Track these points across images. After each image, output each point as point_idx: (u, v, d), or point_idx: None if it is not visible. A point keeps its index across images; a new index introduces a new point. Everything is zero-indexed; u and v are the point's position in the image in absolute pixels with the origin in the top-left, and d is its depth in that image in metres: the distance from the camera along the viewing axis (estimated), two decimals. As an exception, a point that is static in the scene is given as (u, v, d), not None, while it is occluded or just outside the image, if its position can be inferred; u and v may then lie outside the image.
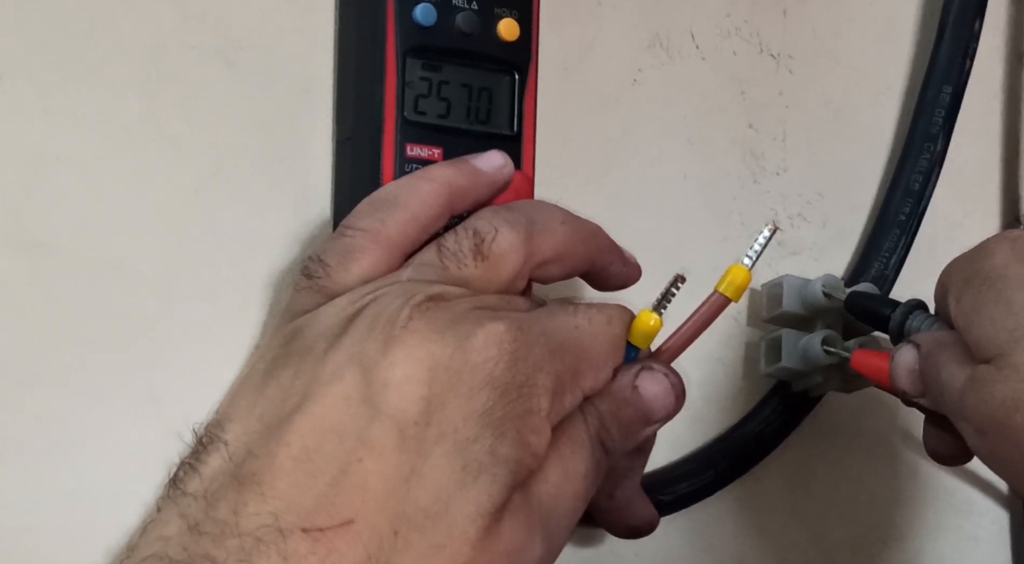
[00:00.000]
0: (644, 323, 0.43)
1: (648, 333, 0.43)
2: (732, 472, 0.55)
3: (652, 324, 0.43)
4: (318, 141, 0.48)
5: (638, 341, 0.43)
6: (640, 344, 0.43)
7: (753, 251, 0.44)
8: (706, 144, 0.57)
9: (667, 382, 0.43)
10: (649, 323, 0.43)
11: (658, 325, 0.43)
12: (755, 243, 0.44)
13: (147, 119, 0.45)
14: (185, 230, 0.45)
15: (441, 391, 0.38)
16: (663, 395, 0.43)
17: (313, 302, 0.43)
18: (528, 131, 0.49)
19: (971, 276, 0.44)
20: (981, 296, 0.43)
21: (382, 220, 0.43)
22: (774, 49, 0.59)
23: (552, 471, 0.40)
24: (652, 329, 0.43)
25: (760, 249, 0.44)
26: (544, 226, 0.45)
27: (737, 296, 0.43)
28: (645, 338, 0.43)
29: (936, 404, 0.45)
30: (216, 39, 0.46)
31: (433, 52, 0.47)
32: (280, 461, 0.37)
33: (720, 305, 0.44)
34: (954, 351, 0.44)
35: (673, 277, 0.43)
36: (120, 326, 0.44)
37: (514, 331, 0.39)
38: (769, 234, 0.44)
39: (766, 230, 0.44)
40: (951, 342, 0.45)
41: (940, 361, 0.44)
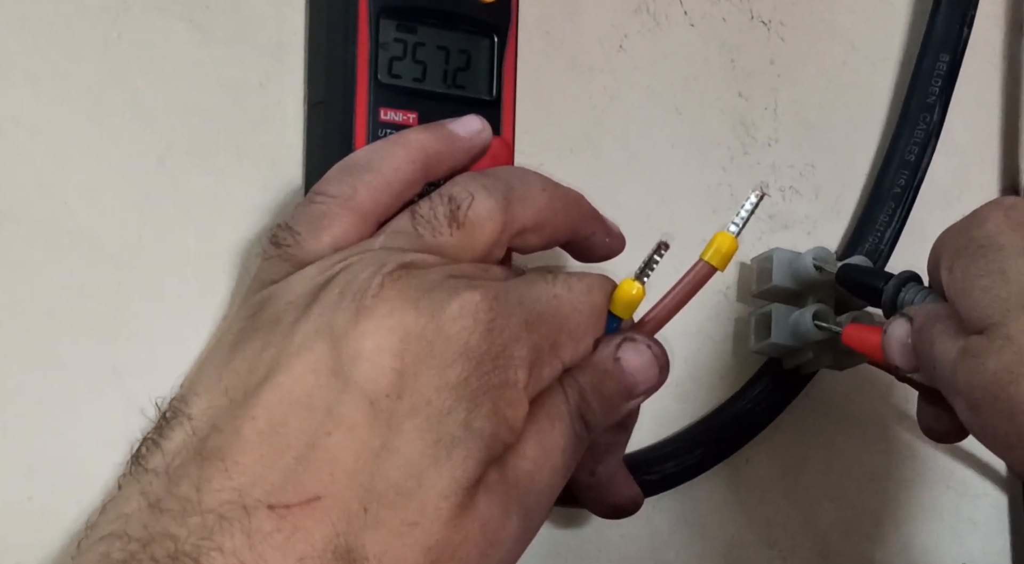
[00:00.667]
0: (626, 292, 0.41)
1: (630, 302, 0.41)
2: (721, 452, 0.54)
3: (634, 293, 0.41)
4: (289, 105, 0.46)
5: (620, 311, 0.42)
6: (622, 314, 0.42)
7: (739, 218, 0.42)
8: (694, 113, 0.56)
9: (650, 353, 0.42)
10: (631, 292, 0.41)
11: (640, 294, 0.41)
12: (741, 210, 0.42)
13: (109, 81, 0.43)
14: (149, 198, 0.44)
15: (413, 362, 0.37)
16: (646, 367, 0.42)
17: (282, 271, 0.41)
18: (508, 96, 0.47)
19: (963, 245, 0.43)
20: (973, 265, 0.42)
21: (353, 186, 0.42)
22: (765, 16, 0.58)
23: (530, 446, 0.39)
24: (634, 298, 0.41)
25: (747, 216, 0.42)
26: (523, 193, 0.43)
27: (723, 264, 0.42)
28: (627, 308, 0.42)
29: (929, 378, 0.44)
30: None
31: (408, 12, 0.45)
32: (245, 435, 0.36)
33: (706, 274, 0.42)
34: (947, 323, 0.43)
35: (656, 244, 0.42)
36: (81, 297, 0.42)
37: (490, 300, 0.38)
38: (756, 200, 0.42)
39: (753, 196, 0.42)
40: (944, 314, 0.43)
41: (933, 334, 0.43)
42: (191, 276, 0.44)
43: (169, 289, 0.44)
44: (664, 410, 0.53)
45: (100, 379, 0.42)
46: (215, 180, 0.45)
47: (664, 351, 0.42)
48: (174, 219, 0.44)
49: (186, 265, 0.44)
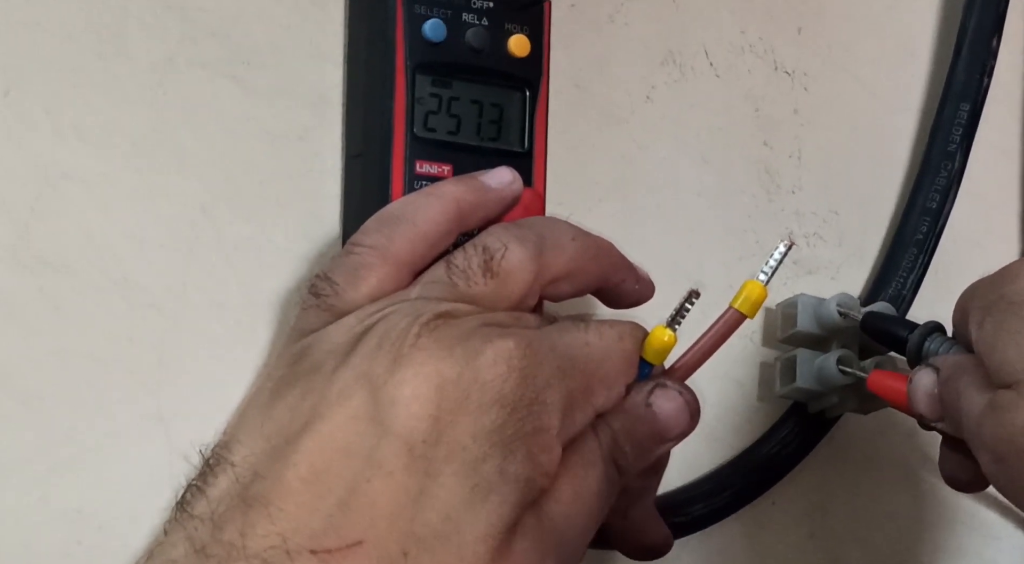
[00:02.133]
0: (658, 339, 0.42)
1: (662, 349, 0.42)
2: (748, 493, 0.54)
3: (666, 340, 0.42)
4: (327, 157, 0.48)
5: (652, 357, 0.42)
6: (654, 360, 0.43)
7: (768, 267, 0.43)
8: (720, 162, 0.57)
9: (681, 399, 0.43)
10: (663, 339, 0.42)
11: (672, 341, 0.42)
12: (770, 259, 0.43)
13: (154, 135, 0.45)
14: (192, 247, 0.45)
15: (450, 409, 0.38)
16: (677, 413, 0.43)
17: (320, 321, 0.42)
18: (539, 148, 0.48)
19: (994, 301, 0.43)
20: (1005, 321, 0.42)
21: (389, 237, 0.43)
22: (789, 66, 0.59)
23: (564, 490, 0.40)
24: (666, 345, 0.42)
25: (776, 265, 0.43)
26: (554, 242, 0.44)
27: (752, 312, 0.43)
28: (659, 354, 0.42)
29: (954, 429, 0.44)
30: (224, 55, 0.46)
31: (443, 68, 0.46)
32: (288, 482, 0.37)
33: (735, 321, 0.43)
34: (974, 376, 0.43)
35: (687, 292, 0.42)
36: (126, 344, 0.44)
37: (523, 348, 0.39)
38: (785, 249, 0.43)
39: (782, 246, 0.43)
40: (971, 366, 0.44)
41: (959, 386, 0.44)
42: (232, 323, 0.45)
43: (211, 336, 0.45)
44: (692, 453, 0.54)
45: (145, 423, 0.43)
46: (256, 230, 0.46)
47: (695, 397, 0.43)
48: (216, 267, 0.45)
49: (228, 312, 0.45)
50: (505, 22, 0.47)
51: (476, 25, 0.47)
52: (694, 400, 0.43)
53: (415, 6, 0.46)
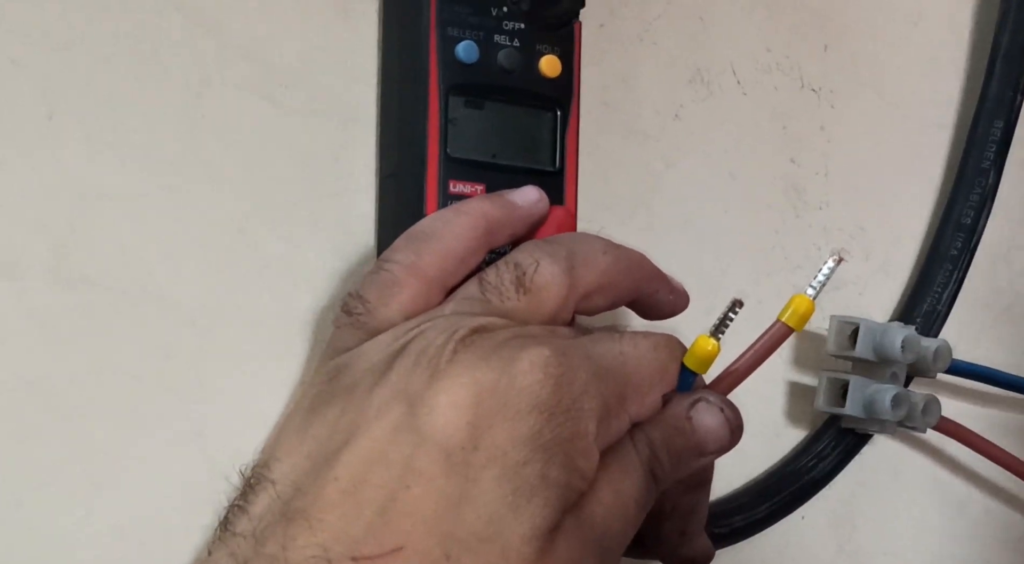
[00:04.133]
0: (702, 348, 0.42)
1: (706, 358, 0.43)
2: (785, 507, 0.55)
3: (710, 349, 0.42)
4: (361, 176, 0.48)
5: (695, 366, 0.43)
6: (697, 369, 0.43)
7: (817, 282, 0.43)
8: (748, 178, 0.58)
9: (722, 416, 0.43)
10: (707, 348, 0.42)
11: (716, 350, 0.42)
12: (819, 274, 0.43)
13: (190, 155, 0.45)
14: (228, 265, 0.46)
15: (487, 416, 0.38)
16: (717, 428, 0.43)
17: (355, 339, 0.43)
18: (570, 167, 0.49)
19: None
20: None
21: (418, 253, 0.44)
22: (815, 84, 0.60)
23: (604, 494, 0.40)
24: (710, 354, 0.42)
25: (824, 279, 0.43)
26: (585, 257, 0.45)
27: (800, 326, 0.43)
28: (702, 363, 0.43)
29: None
30: (259, 76, 0.47)
31: (475, 89, 0.47)
32: (328, 494, 0.37)
33: (783, 335, 0.43)
34: None
35: (731, 302, 0.43)
36: (164, 360, 0.44)
37: (559, 356, 0.39)
38: (834, 264, 0.43)
39: (831, 260, 0.43)
40: None
41: None
42: (268, 340, 0.46)
43: (247, 352, 0.46)
44: (718, 465, 0.54)
45: (183, 439, 0.44)
46: (291, 247, 0.47)
47: (738, 414, 0.43)
48: (252, 285, 0.46)
49: (263, 329, 0.46)
50: (536, 43, 0.48)
51: (508, 46, 0.47)
52: (736, 417, 0.43)
53: (448, 28, 0.46)
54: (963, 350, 0.60)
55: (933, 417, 0.55)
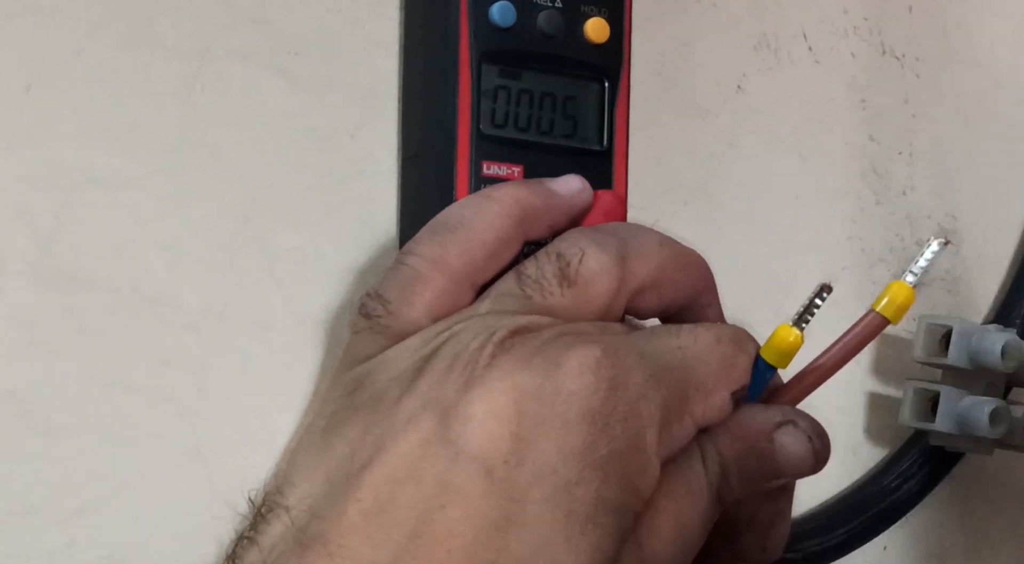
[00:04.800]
0: (783, 339, 0.42)
1: (787, 350, 0.42)
2: (864, 533, 0.55)
3: (792, 340, 0.42)
4: (382, 158, 0.49)
5: (774, 360, 0.43)
6: (777, 363, 0.43)
7: (919, 267, 0.43)
8: (821, 159, 0.58)
9: (810, 446, 0.43)
10: (788, 339, 0.42)
11: (799, 341, 0.42)
12: (920, 258, 0.43)
13: (190, 134, 0.46)
14: (233, 260, 0.46)
15: (532, 425, 0.38)
16: (801, 457, 0.43)
17: (376, 345, 0.43)
18: (620, 145, 0.49)
19: None
20: None
21: (443, 246, 0.44)
22: (898, 50, 0.60)
23: (665, 523, 0.40)
24: (792, 346, 0.42)
25: (927, 265, 0.43)
26: (639, 247, 0.45)
27: (897, 318, 0.43)
28: (783, 356, 0.43)
29: None
30: (267, 44, 0.47)
31: (512, 56, 0.47)
32: (350, 517, 0.37)
33: (878, 326, 0.43)
34: None
35: (818, 286, 0.43)
36: (162, 369, 0.45)
37: (611, 356, 0.40)
38: (939, 247, 0.43)
39: (935, 242, 0.43)
40: None
41: None
42: (278, 345, 0.46)
43: (254, 359, 0.46)
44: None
45: (182, 458, 0.44)
46: (303, 239, 0.47)
47: (827, 444, 0.43)
48: (260, 282, 0.46)
49: (272, 332, 0.46)
50: (581, 4, 0.48)
51: (549, 7, 0.48)
52: (825, 448, 0.43)
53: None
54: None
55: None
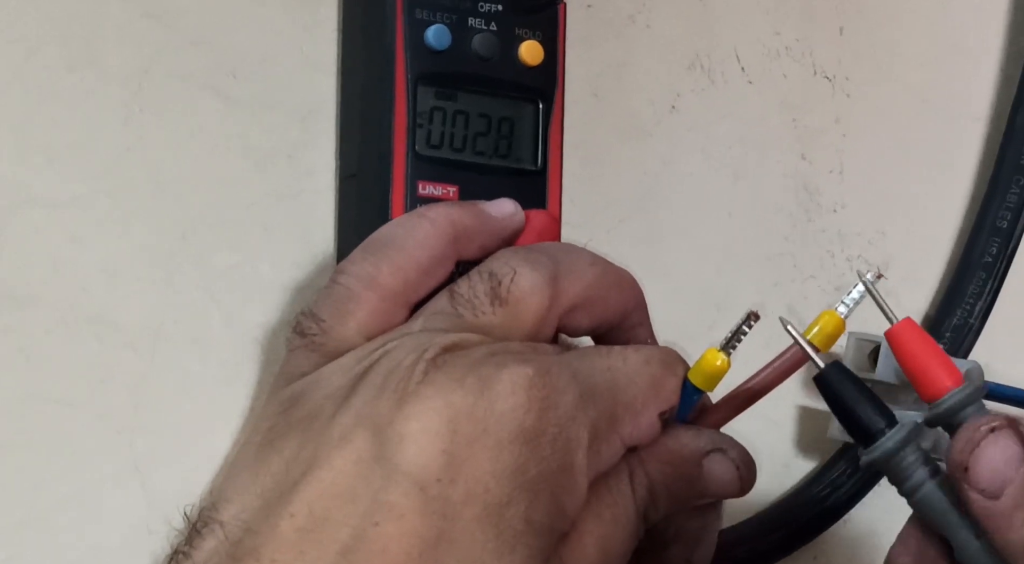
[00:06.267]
0: (710, 363, 0.43)
1: (714, 375, 0.43)
2: (796, 539, 0.56)
3: (719, 364, 0.43)
4: (320, 177, 0.49)
5: (702, 383, 0.44)
6: (704, 386, 0.44)
7: (851, 299, 0.44)
8: (754, 178, 0.59)
9: (737, 474, 0.44)
10: (715, 363, 0.43)
11: (725, 366, 0.43)
12: (853, 290, 0.44)
13: (129, 155, 0.46)
14: (172, 278, 0.47)
15: (464, 444, 0.39)
16: (728, 484, 0.44)
17: (311, 363, 0.44)
18: (554, 165, 0.50)
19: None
20: None
21: (376, 265, 0.44)
22: (829, 70, 0.61)
23: (589, 545, 0.41)
24: (718, 370, 0.43)
25: (859, 297, 0.43)
26: (570, 266, 0.45)
27: (827, 347, 0.44)
28: (710, 380, 0.44)
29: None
30: (206, 65, 0.48)
31: (447, 78, 0.48)
32: (283, 532, 0.38)
33: (805, 354, 0.43)
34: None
35: (745, 314, 0.43)
36: (100, 386, 0.45)
37: (542, 376, 0.40)
38: (873, 280, 0.44)
39: (869, 275, 0.44)
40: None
41: None
42: (215, 362, 0.47)
43: (193, 376, 0.46)
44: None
45: (121, 474, 0.45)
46: (241, 258, 0.48)
47: (753, 471, 0.45)
48: (198, 301, 0.47)
49: (210, 350, 0.47)
50: (515, 27, 0.49)
51: (484, 31, 0.48)
52: (751, 476, 0.45)
53: (416, 10, 0.47)
54: (997, 370, 0.60)
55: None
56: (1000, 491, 0.39)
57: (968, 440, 0.40)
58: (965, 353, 0.60)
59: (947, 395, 0.41)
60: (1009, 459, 0.39)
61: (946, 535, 0.40)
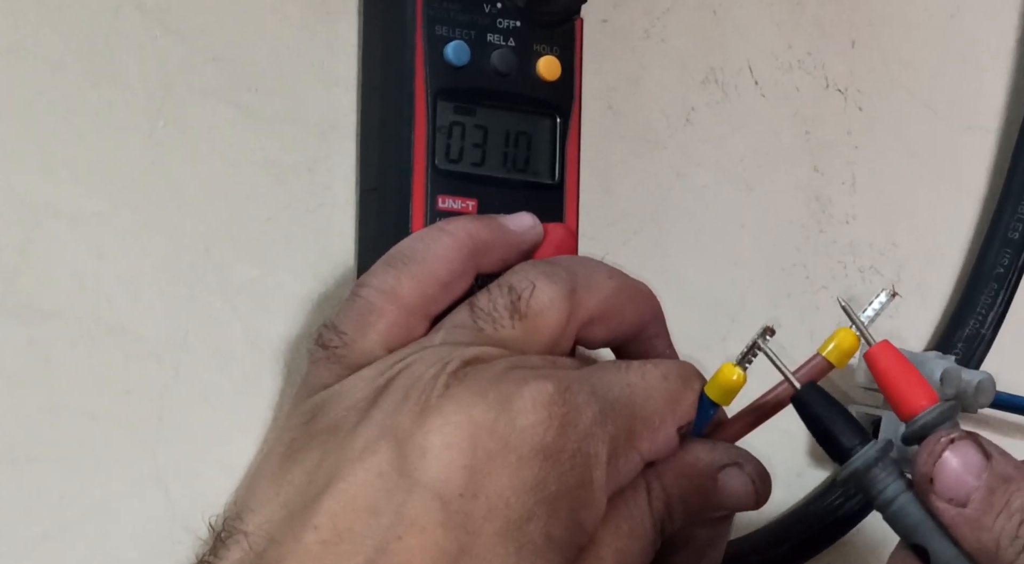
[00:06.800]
0: (726, 378, 0.44)
1: (730, 389, 0.44)
2: (808, 549, 0.57)
3: (735, 379, 0.44)
4: (340, 191, 0.50)
5: (718, 397, 0.44)
6: (720, 400, 0.44)
7: (866, 316, 0.45)
8: (766, 190, 0.59)
9: (752, 488, 0.45)
10: (732, 378, 0.44)
11: (741, 380, 0.44)
12: (868, 308, 0.45)
13: (152, 169, 0.47)
14: (194, 291, 0.47)
15: (486, 459, 0.39)
16: (743, 497, 0.45)
17: (333, 375, 0.44)
18: (571, 179, 0.51)
19: None
20: None
21: (397, 278, 0.45)
22: (841, 83, 0.61)
23: (607, 558, 0.42)
24: (735, 384, 0.44)
25: (874, 315, 0.44)
26: (588, 280, 0.46)
27: (842, 364, 0.45)
28: (726, 394, 0.44)
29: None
30: (227, 81, 0.48)
31: (466, 94, 0.49)
32: (307, 545, 0.39)
33: (823, 370, 0.44)
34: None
35: (761, 329, 0.44)
36: (123, 398, 0.46)
37: (563, 392, 0.41)
38: (887, 299, 0.45)
39: (883, 294, 0.45)
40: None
41: None
42: (237, 373, 0.47)
43: (215, 388, 0.47)
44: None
45: (143, 485, 0.46)
46: (263, 271, 0.48)
47: (768, 485, 0.46)
48: (219, 313, 0.47)
49: (232, 362, 0.47)
50: (533, 43, 0.50)
51: (502, 47, 0.49)
52: (766, 490, 0.46)
53: (436, 27, 0.48)
54: (1008, 380, 0.61)
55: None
56: (966, 499, 0.40)
57: (931, 452, 0.41)
58: (977, 364, 0.61)
59: (922, 413, 0.42)
60: (971, 467, 0.41)
61: (923, 544, 0.41)
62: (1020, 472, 0.41)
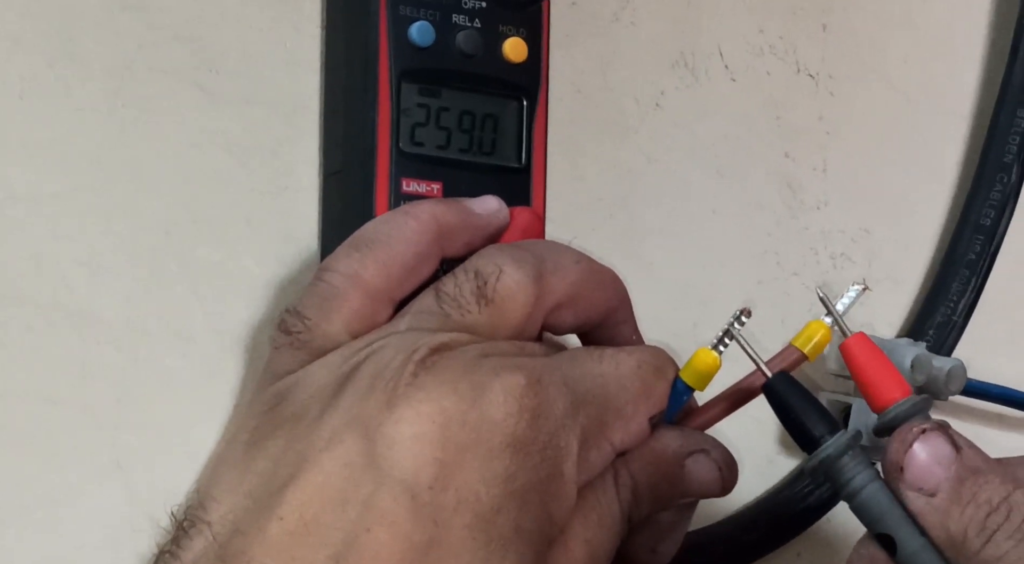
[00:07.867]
0: (702, 362, 0.44)
1: (706, 373, 0.44)
2: (776, 537, 0.57)
3: (711, 363, 0.44)
4: (303, 174, 0.49)
5: (693, 382, 0.44)
6: (696, 385, 0.44)
7: (841, 304, 0.44)
8: (737, 175, 0.59)
9: (719, 474, 0.45)
10: (707, 361, 0.44)
11: (716, 364, 0.44)
12: (839, 301, 0.44)
13: (111, 150, 0.46)
14: (154, 274, 0.47)
15: (456, 451, 0.39)
16: (710, 484, 0.45)
17: (297, 361, 0.44)
18: (538, 163, 0.50)
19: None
20: None
21: (362, 262, 0.44)
22: (812, 68, 0.61)
23: (577, 549, 0.42)
24: (710, 369, 0.44)
25: (844, 309, 0.44)
26: (555, 264, 0.45)
27: (814, 356, 0.45)
28: (702, 379, 0.44)
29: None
30: (189, 60, 0.48)
31: (431, 75, 0.48)
32: (272, 536, 0.38)
33: (795, 361, 0.44)
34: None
35: (737, 311, 0.44)
36: (82, 382, 0.45)
37: (534, 384, 0.41)
38: (857, 293, 0.45)
39: (853, 289, 0.45)
40: None
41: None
42: (198, 358, 0.47)
43: (175, 372, 0.47)
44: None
45: (102, 471, 0.45)
46: (225, 254, 0.48)
47: (734, 473, 0.45)
48: (180, 296, 0.47)
49: (193, 346, 0.47)
50: (499, 24, 0.49)
51: (468, 27, 0.49)
52: (733, 477, 0.45)
53: (400, 7, 0.47)
54: (980, 367, 0.61)
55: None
56: (935, 489, 0.40)
57: (902, 441, 0.41)
58: (948, 351, 0.60)
59: (895, 405, 0.42)
60: (941, 458, 0.41)
61: (889, 533, 0.41)
62: (989, 465, 0.41)
